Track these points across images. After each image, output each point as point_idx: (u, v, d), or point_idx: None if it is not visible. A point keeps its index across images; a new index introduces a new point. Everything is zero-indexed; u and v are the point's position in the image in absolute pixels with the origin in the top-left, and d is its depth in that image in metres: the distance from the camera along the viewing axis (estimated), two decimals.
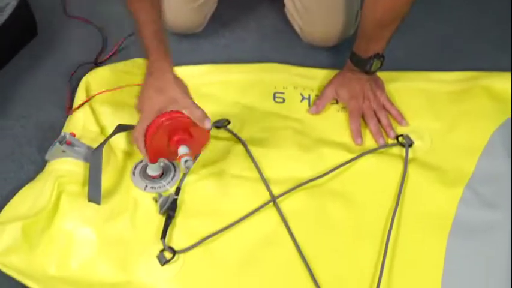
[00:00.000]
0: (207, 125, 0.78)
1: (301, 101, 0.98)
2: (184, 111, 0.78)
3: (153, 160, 0.82)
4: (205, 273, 0.78)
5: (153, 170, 0.85)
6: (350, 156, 0.89)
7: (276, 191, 0.86)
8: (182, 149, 0.79)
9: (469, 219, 0.82)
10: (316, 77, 1.01)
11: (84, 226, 0.81)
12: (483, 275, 0.78)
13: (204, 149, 0.85)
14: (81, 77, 0.97)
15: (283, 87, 0.99)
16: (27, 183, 0.85)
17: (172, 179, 0.87)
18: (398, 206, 0.84)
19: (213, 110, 0.93)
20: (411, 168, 0.88)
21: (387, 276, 0.77)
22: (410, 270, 0.78)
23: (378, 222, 0.83)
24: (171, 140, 0.79)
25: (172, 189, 0.85)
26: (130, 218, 0.82)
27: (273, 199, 0.84)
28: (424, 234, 0.81)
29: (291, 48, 1.09)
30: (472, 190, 0.85)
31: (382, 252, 0.79)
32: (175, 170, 0.88)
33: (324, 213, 0.84)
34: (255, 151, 0.90)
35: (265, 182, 0.86)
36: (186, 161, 0.78)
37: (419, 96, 0.98)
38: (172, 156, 0.80)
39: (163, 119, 0.77)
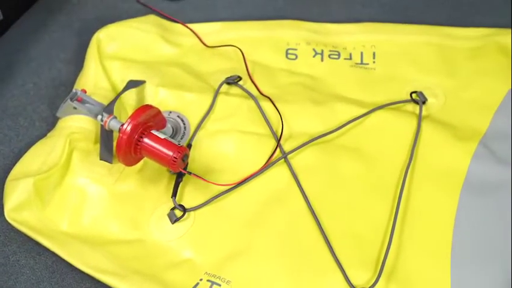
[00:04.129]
0: None
1: (314, 56, 0.94)
2: None
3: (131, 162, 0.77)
4: (216, 230, 0.76)
5: (163, 132, 0.81)
6: (362, 111, 0.85)
7: (287, 146, 0.82)
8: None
9: (482, 175, 0.79)
10: (329, 32, 0.96)
11: (96, 183, 0.78)
12: (494, 231, 0.74)
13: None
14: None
15: (296, 44, 0.95)
16: (38, 140, 0.82)
17: (182, 138, 0.83)
18: (411, 162, 0.80)
19: (224, 67, 0.91)
20: (424, 125, 0.84)
21: (399, 232, 0.75)
22: (422, 225, 0.75)
23: (390, 177, 0.80)
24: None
25: None
26: (142, 177, 0.80)
27: (284, 155, 0.81)
28: (436, 189, 0.78)
29: (305, 5, 1.04)
30: (485, 146, 0.81)
31: (395, 207, 0.76)
32: (185, 128, 0.84)
33: (336, 169, 0.81)
34: (266, 107, 0.86)
35: (276, 138, 0.83)
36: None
37: (434, 52, 0.93)
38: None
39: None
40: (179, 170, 0.74)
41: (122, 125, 0.74)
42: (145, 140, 0.74)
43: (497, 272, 0.72)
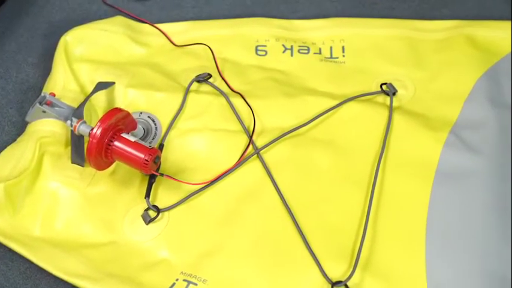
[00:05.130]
0: None
1: (284, 52, 0.93)
2: None
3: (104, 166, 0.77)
4: (191, 229, 0.75)
5: (134, 134, 0.80)
6: (334, 103, 0.85)
7: (260, 142, 0.82)
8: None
9: (453, 164, 0.79)
10: (298, 28, 0.96)
11: (68, 187, 0.77)
12: (466, 218, 0.75)
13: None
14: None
15: (265, 40, 0.94)
16: (8, 145, 0.80)
17: (153, 138, 0.82)
18: (384, 152, 0.80)
19: (194, 65, 0.90)
20: (395, 116, 0.84)
21: (373, 223, 0.75)
22: (396, 215, 0.75)
23: (363, 169, 0.80)
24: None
25: (155, 147, 0.80)
26: (114, 179, 0.79)
27: (257, 151, 0.80)
28: (409, 179, 0.78)
29: (273, 3, 1.03)
30: (455, 135, 0.81)
31: (368, 198, 0.76)
32: (156, 128, 0.83)
33: (309, 162, 0.80)
34: (238, 103, 0.85)
35: (248, 134, 0.82)
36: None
37: (403, 44, 0.93)
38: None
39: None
40: (151, 172, 0.73)
41: (92, 129, 0.73)
42: (116, 143, 0.73)
43: (471, 259, 0.72)
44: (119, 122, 0.74)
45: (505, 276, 0.71)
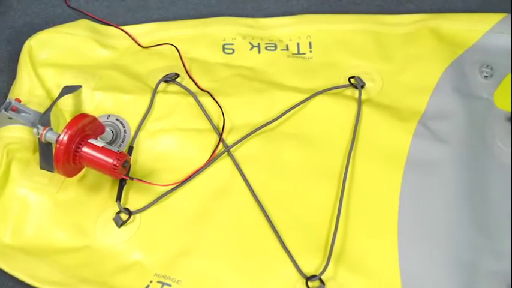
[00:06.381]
0: None
1: (251, 49, 0.93)
2: None
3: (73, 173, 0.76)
4: (164, 230, 0.75)
5: (103, 138, 0.79)
6: (302, 97, 0.85)
7: (230, 139, 0.81)
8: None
9: (423, 153, 0.80)
10: (264, 26, 0.96)
11: (37, 193, 0.77)
12: (437, 207, 0.76)
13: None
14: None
15: (232, 39, 0.94)
16: None
17: (123, 141, 0.81)
18: (354, 144, 0.80)
19: (161, 65, 0.89)
20: (365, 108, 0.84)
21: (345, 215, 0.75)
22: (368, 207, 0.76)
23: (334, 162, 0.80)
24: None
25: (125, 150, 0.80)
26: (85, 183, 0.78)
27: (227, 149, 0.80)
28: (380, 170, 0.79)
29: (239, 2, 1.02)
30: (424, 125, 0.82)
31: (340, 191, 0.76)
32: (125, 131, 0.82)
33: (280, 157, 0.80)
34: (206, 102, 0.85)
35: (218, 132, 0.82)
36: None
37: (369, 39, 0.94)
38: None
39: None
40: (121, 176, 0.73)
41: (58, 136, 0.72)
42: (84, 149, 0.72)
43: (442, 247, 0.73)
44: (85, 127, 0.73)
45: (475, 264, 0.72)
